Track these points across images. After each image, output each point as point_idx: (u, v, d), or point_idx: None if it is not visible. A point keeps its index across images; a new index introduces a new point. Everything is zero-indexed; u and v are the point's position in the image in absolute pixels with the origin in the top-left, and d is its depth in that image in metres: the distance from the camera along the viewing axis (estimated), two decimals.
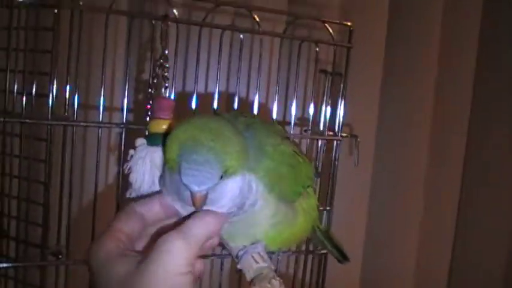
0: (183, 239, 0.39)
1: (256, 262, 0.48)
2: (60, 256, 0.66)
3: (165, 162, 0.41)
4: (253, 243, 0.48)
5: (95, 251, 0.41)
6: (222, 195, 0.42)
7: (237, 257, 0.49)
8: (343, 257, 0.66)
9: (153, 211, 0.45)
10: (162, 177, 0.46)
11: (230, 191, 0.42)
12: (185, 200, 0.41)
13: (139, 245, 0.45)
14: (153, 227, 0.46)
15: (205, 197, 0.40)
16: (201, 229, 0.41)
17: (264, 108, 0.84)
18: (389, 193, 1.09)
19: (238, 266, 0.49)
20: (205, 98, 0.70)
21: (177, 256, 0.39)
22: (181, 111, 0.75)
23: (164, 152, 0.41)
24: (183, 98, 0.75)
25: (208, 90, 0.81)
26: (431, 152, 1.12)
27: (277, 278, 0.47)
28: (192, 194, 0.40)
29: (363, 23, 0.95)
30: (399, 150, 1.08)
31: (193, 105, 0.67)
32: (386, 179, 1.08)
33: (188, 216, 0.43)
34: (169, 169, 0.41)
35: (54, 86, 0.62)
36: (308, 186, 0.54)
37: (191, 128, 0.40)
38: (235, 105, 0.70)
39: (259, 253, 0.48)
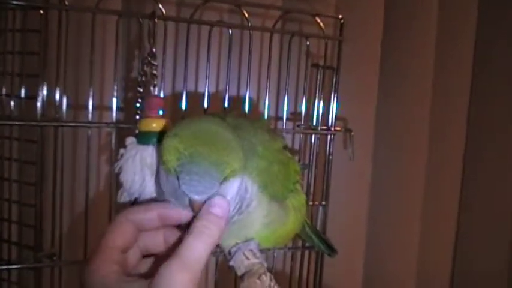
0: (184, 270, 0.37)
1: (248, 259, 0.47)
2: (54, 258, 0.66)
3: (162, 163, 0.40)
4: (245, 241, 0.48)
5: (90, 274, 0.39)
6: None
7: (229, 253, 0.49)
8: (331, 250, 0.65)
9: (148, 219, 0.43)
10: (157, 174, 0.46)
11: (228, 194, 0.42)
12: (183, 203, 0.41)
13: (133, 258, 0.44)
14: (147, 239, 0.45)
15: (204, 202, 0.40)
16: (201, 250, 0.39)
17: (256, 103, 0.84)
18: (389, 187, 1.08)
19: (230, 263, 0.48)
20: (195, 95, 0.69)
21: None
22: (171, 108, 0.75)
23: (161, 154, 0.40)
24: (173, 95, 0.75)
25: (199, 87, 0.80)
26: (431, 145, 1.11)
27: (268, 274, 0.47)
28: (191, 201, 0.40)
29: (360, 16, 0.94)
30: (399, 144, 1.07)
31: (183, 103, 0.66)
32: (386, 173, 1.07)
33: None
34: (167, 171, 0.40)
35: (44, 88, 0.62)
36: (296, 182, 0.53)
37: (189, 138, 0.38)
38: (226, 102, 0.69)
39: (251, 250, 0.48)
